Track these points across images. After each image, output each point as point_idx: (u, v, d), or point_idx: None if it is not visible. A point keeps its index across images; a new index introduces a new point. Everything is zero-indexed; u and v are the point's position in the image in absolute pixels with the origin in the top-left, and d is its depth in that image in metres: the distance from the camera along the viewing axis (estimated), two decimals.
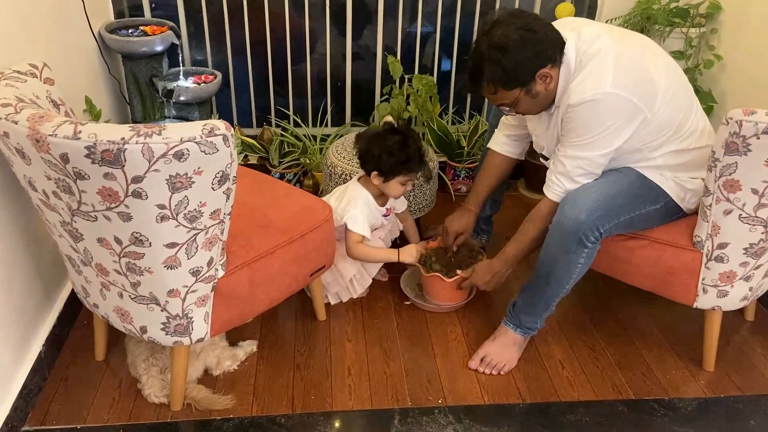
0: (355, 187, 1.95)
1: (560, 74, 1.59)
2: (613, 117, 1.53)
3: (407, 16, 2.72)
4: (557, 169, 1.66)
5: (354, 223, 1.89)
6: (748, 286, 1.67)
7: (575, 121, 1.57)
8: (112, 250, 1.35)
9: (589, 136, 1.56)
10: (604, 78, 1.51)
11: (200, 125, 1.22)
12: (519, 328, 1.82)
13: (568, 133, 1.61)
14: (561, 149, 1.65)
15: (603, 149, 1.58)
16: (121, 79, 2.40)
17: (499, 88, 1.58)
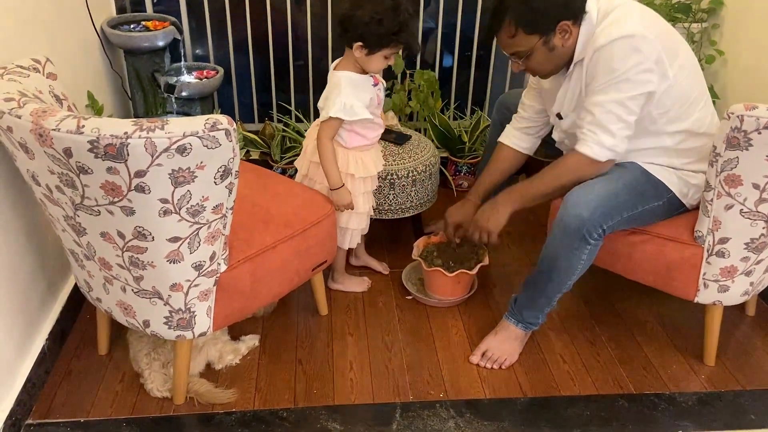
0: (332, 77, 1.74)
1: (581, 31, 1.57)
2: (639, 56, 1.50)
3: None
4: (587, 119, 1.59)
5: (349, 112, 1.69)
6: (749, 281, 1.67)
7: (602, 62, 1.53)
8: (115, 244, 1.35)
9: (616, 75, 1.52)
10: (631, 21, 1.52)
11: (203, 119, 1.22)
12: (520, 322, 1.82)
13: (594, 78, 1.57)
14: (588, 99, 1.59)
15: (631, 91, 1.53)
16: (123, 75, 2.41)
17: (519, 31, 1.55)
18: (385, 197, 2.17)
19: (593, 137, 1.59)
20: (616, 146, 1.59)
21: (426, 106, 2.68)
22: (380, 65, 1.70)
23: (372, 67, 1.71)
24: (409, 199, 2.21)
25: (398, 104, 2.66)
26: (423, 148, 2.24)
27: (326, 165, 1.77)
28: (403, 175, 2.15)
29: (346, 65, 1.73)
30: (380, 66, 1.71)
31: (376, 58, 1.67)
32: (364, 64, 1.70)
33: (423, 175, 2.19)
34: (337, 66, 1.76)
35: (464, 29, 2.75)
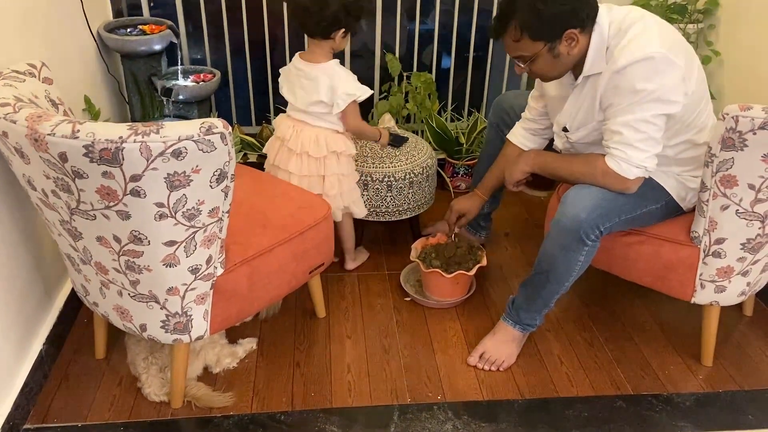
0: (320, 68, 1.83)
1: (591, 42, 1.55)
2: (663, 77, 1.48)
3: (406, 14, 2.72)
4: (614, 138, 1.56)
5: (361, 90, 1.84)
6: (746, 282, 1.67)
7: (624, 82, 1.51)
8: (111, 248, 1.35)
9: (642, 96, 1.49)
10: (650, 39, 1.49)
11: (198, 123, 1.22)
12: (518, 324, 1.82)
13: (617, 99, 1.54)
14: (614, 119, 1.55)
15: (657, 110, 1.50)
16: (120, 78, 2.41)
17: (525, 36, 1.53)
18: (383, 199, 2.17)
19: (622, 155, 1.56)
20: (645, 163, 1.55)
21: (423, 108, 2.68)
22: (345, 44, 1.87)
23: (343, 46, 1.87)
24: (407, 201, 2.21)
25: (395, 106, 2.66)
26: (420, 150, 2.24)
27: (365, 134, 2.02)
28: (400, 177, 2.15)
29: (323, 57, 1.84)
30: (345, 45, 1.88)
31: (344, 39, 1.83)
32: (338, 47, 1.84)
33: (420, 177, 2.19)
34: (312, 59, 1.85)
35: (461, 31, 2.75)
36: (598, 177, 1.62)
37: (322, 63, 1.83)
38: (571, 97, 1.68)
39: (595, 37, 1.54)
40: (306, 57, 1.87)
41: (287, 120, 1.96)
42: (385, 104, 2.68)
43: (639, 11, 1.57)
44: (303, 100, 1.88)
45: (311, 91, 1.85)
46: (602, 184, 1.62)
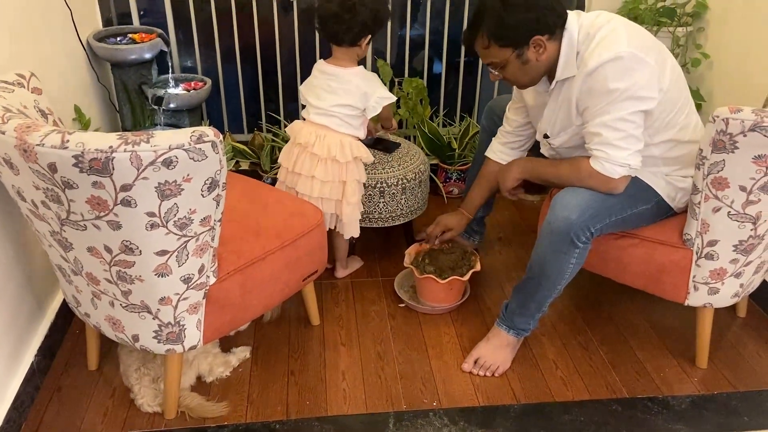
0: (351, 72, 1.88)
1: (561, 48, 1.58)
2: (634, 75, 1.50)
3: (397, 20, 2.73)
4: (595, 140, 1.58)
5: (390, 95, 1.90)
6: (739, 283, 1.68)
7: (597, 86, 1.53)
8: (103, 259, 1.34)
9: (616, 96, 1.51)
10: (618, 40, 1.51)
11: (189, 132, 1.22)
12: (512, 329, 1.82)
13: (592, 101, 1.56)
14: (592, 122, 1.57)
15: (633, 107, 1.52)
16: (110, 87, 2.40)
17: (493, 44, 1.57)
18: (375, 205, 2.17)
19: (604, 155, 1.57)
20: (628, 161, 1.56)
21: (415, 114, 2.69)
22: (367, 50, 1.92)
23: (365, 53, 1.91)
24: (400, 207, 2.20)
25: None
26: (412, 156, 2.24)
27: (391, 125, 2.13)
28: (392, 183, 2.14)
29: (350, 63, 1.89)
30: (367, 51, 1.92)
31: (366, 45, 1.88)
32: (363, 54, 1.90)
33: (413, 182, 2.19)
34: (341, 65, 1.89)
35: (452, 36, 2.75)
36: (584, 179, 1.63)
37: (351, 68, 1.88)
38: (549, 103, 1.71)
39: (565, 43, 1.57)
40: (333, 62, 1.89)
41: (308, 126, 1.94)
42: None
43: (607, 15, 1.60)
44: (329, 101, 1.88)
45: (342, 94, 1.87)
46: (589, 185, 1.63)
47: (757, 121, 1.37)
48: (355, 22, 1.79)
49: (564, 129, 1.69)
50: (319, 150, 1.90)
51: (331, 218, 2.00)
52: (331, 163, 1.90)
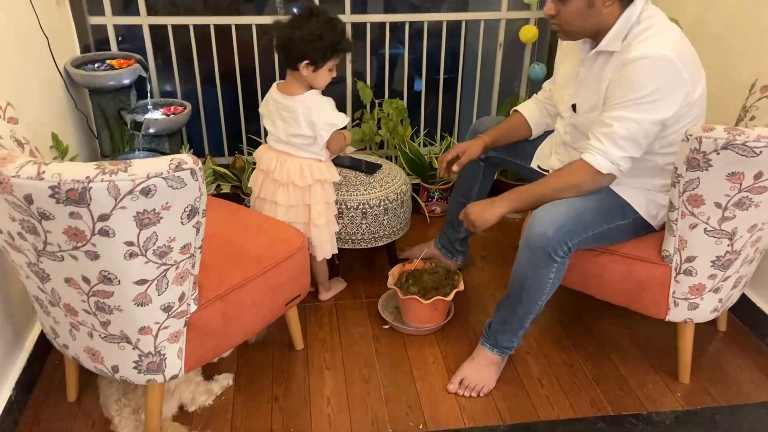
0: (298, 100, 1.82)
1: (621, 17, 1.58)
2: (663, 81, 1.52)
3: (376, 40, 2.75)
4: (601, 129, 1.60)
5: (342, 119, 1.84)
6: (718, 298, 1.70)
7: (629, 75, 1.54)
8: (81, 289, 1.32)
9: (639, 95, 1.53)
10: (665, 42, 1.53)
11: (167, 160, 1.21)
12: (496, 347, 1.82)
13: (617, 91, 1.57)
14: (607, 112, 1.59)
15: (651, 114, 1.54)
16: (88, 114, 2.38)
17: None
18: (358, 227, 2.17)
19: (601, 147, 1.59)
20: (619, 162, 1.59)
21: (396, 134, 2.70)
22: (327, 79, 1.83)
23: (320, 82, 1.82)
24: (382, 228, 2.21)
25: (368, 133, 2.67)
26: (394, 176, 2.25)
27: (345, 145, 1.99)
28: (374, 205, 2.15)
29: (299, 88, 1.83)
30: (327, 80, 1.83)
31: (322, 72, 1.79)
32: (313, 81, 1.81)
33: (395, 203, 2.20)
34: (290, 93, 1.84)
35: (431, 53, 2.77)
36: (574, 173, 1.65)
37: (298, 95, 1.82)
38: (582, 71, 1.71)
39: (625, 15, 1.58)
40: (283, 88, 1.86)
41: (269, 151, 1.95)
42: (357, 131, 2.69)
43: (666, 18, 1.61)
44: (283, 131, 1.88)
45: (291, 123, 1.85)
46: (577, 184, 1.65)
47: (729, 139, 1.39)
48: (285, 44, 1.75)
49: (594, 110, 1.68)
50: (279, 175, 1.90)
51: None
52: (292, 188, 1.90)
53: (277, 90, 1.88)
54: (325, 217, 1.94)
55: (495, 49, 2.78)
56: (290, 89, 1.84)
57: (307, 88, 1.83)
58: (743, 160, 1.41)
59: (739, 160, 1.41)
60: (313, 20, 1.73)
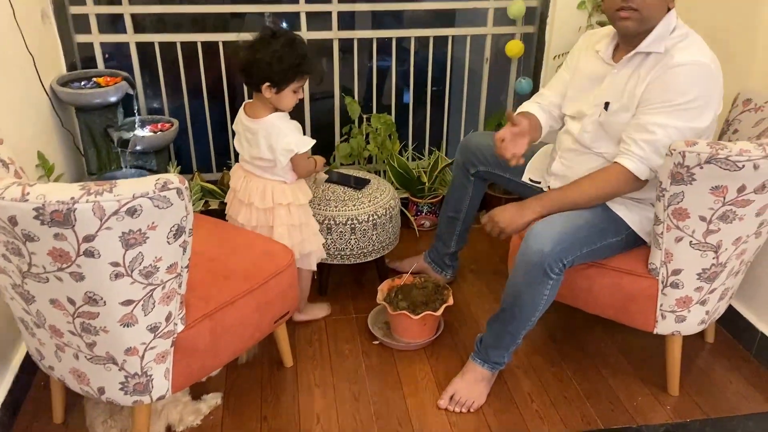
0: (260, 122, 1.79)
1: (663, 21, 1.59)
2: (705, 88, 1.54)
3: (365, 55, 2.76)
4: (643, 136, 1.58)
5: (302, 144, 1.78)
6: (705, 310, 1.71)
7: (673, 80, 1.55)
8: (66, 311, 1.31)
9: (684, 101, 1.54)
10: (707, 52, 1.56)
11: (153, 180, 1.21)
12: (487, 363, 1.82)
13: (660, 95, 1.57)
14: (648, 116, 1.58)
15: (694, 122, 1.54)
16: (74, 132, 2.37)
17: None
18: (347, 242, 2.17)
19: (643, 154, 1.59)
20: (658, 170, 1.58)
21: (384, 149, 2.71)
22: (291, 101, 1.79)
23: (284, 104, 1.79)
24: (371, 243, 2.21)
25: (356, 148, 2.68)
26: (382, 191, 2.26)
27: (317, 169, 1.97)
28: (363, 220, 2.15)
29: (263, 111, 1.80)
30: (292, 102, 1.79)
31: (286, 94, 1.76)
32: (277, 103, 1.78)
33: (384, 218, 2.20)
34: (255, 114, 1.81)
35: (419, 66, 2.78)
36: (610, 181, 1.64)
37: (261, 118, 1.79)
38: (615, 75, 1.69)
39: (666, 19, 1.59)
40: (248, 110, 1.84)
41: (239, 170, 1.95)
42: (346, 146, 2.70)
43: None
44: (248, 153, 1.87)
45: (254, 146, 1.83)
46: (615, 190, 1.65)
47: (712, 153, 1.41)
48: (245, 65, 1.73)
49: (627, 110, 1.66)
50: (242, 195, 1.90)
51: None
52: (254, 209, 1.89)
53: (243, 112, 1.86)
54: (288, 240, 1.88)
55: (482, 64, 2.80)
56: (255, 111, 1.81)
57: (272, 110, 1.80)
58: (726, 174, 1.42)
59: (723, 174, 1.43)
60: (273, 42, 1.70)
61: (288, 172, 1.87)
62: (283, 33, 1.73)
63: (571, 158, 1.82)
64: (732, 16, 2.03)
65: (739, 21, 2.00)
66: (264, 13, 2.68)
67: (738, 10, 2.00)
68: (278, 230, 1.88)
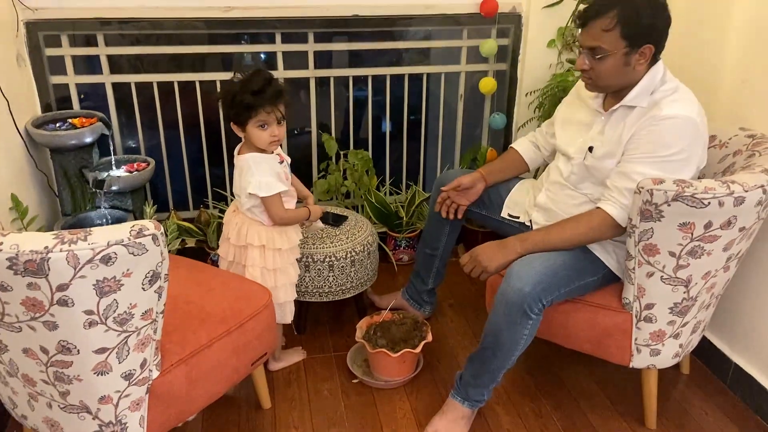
0: (239, 160, 1.83)
1: (647, 75, 1.64)
2: (689, 142, 1.58)
3: (342, 86, 2.79)
4: (625, 184, 1.62)
5: (266, 188, 1.78)
6: (678, 344, 1.73)
7: (658, 133, 1.59)
8: (39, 360, 1.29)
9: (668, 153, 1.58)
10: (694, 106, 1.61)
11: (128, 227, 1.21)
12: (466, 400, 1.81)
13: (644, 146, 1.61)
14: (631, 165, 1.62)
15: (676, 174, 1.57)
16: (49, 173, 2.36)
17: (616, 29, 1.58)
18: (325, 279, 2.17)
19: (625, 201, 1.62)
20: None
21: (361, 184, 2.73)
22: (262, 137, 1.76)
23: (256, 140, 1.77)
24: (350, 280, 2.21)
25: (334, 184, 2.70)
26: (360, 227, 2.27)
27: (297, 220, 1.93)
28: (341, 257, 2.15)
29: (245, 148, 1.84)
30: (263, 137, 1.76)
31: (252, 131, 1.75)
32: (253, 141, 1.78)
33: (362, 254, 2.21)
34: (239, 152, 1.86)
35: (396, 99, 2.82)
36: (594, 227, 1.68)
37: (242, 155, 1.83)
38: (603, 124, 1.74)
39: (650, 74, 1.65)
40: (240, 147, 1.88)
41: (233, 204, 1.97)
42: (323, 183, 2.71)
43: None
44: (234, 187, 1.91)
45: (234, 182, 1.89)
46: (597, 234, 1.68)
47: (678, 191, 1.45)
48: (220, 107, 1.79)
49: (611, 156, 1.70)
50: (224, 229, 1.94)
51: None
52: (230, 244, 1.91)
53: (237, 148, 1.89)
54: (261, 283, 1.85)
55: (457, 100, 2.86)
56: (241, 148, 1.87)
57: (253, 148, 1.81)
58: (693, 211, 1.47)
59: (689, 211, 1.47)
60: (233, 81, 1.74)
61: (261, 214, 1.86)
62: (249, 70, 1.76)
63: (557, 191, 1.88)
64: (698, 54, 2.10)
65: (705, 59, 2.07)
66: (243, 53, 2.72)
67: (703, 48, 2.07)
68: (249, 270, 1.88)
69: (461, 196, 2.06)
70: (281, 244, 1.88)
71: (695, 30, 2.10)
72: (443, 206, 2.09)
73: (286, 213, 1.87)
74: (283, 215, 1.85)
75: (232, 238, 1.89)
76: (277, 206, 1.83)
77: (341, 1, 2.49)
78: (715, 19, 2.01)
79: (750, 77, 1.89)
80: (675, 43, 2.18)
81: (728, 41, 1.96)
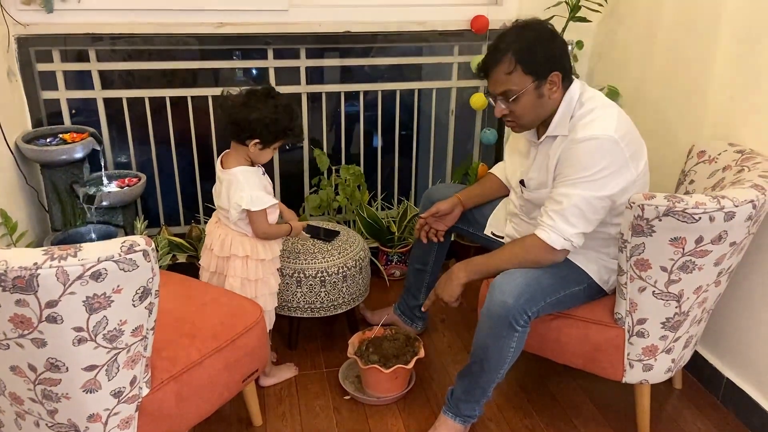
0: (226, 173, 1.83)
1: (561, 104, 1.67)
2: (608, 161, 1.59)
3: (333, 101, 2.80)
4: (552, 207, 1.66)
5: (257, 202, 1.80)
6: (671, 359, 1.73)
7: (575, 156, 1.62)
8: (27, 378, 1.27)
9: (585, 174, 1.60)
10: (610, 123, 1.61)
11: (119, 243, 1.20)
12: (458, 416, 1.80)
13: (565, 170, 1.64)
14: (556, 189, 1.66)
15: (598, 191, 1.60)
16: (39, 188, 2.34)
17: (518, 68, 1.61)
18: (317, 295, 2.16)
19: (553, 224, 1.65)
20: (573, 239, 1.64)
21: (353, 200, 2.73)
22: (270, 156, 1.85)
23: (263, 159, 1.85)
24: (341, 296, 2.20)
25: (325, 200, 2.70)
26: (352, 243, 2.26)
27: (276, 235, 1.93)
28: (333, 272, 2.15)
29: (237, 161, 1.83)
30: (269, 157, 1.85)
31: (268, 151, 1.82)
32: (256, 158, 1.83)
33: (353, 270, 2.20)
34: (226, 164, 1.85)
35: (387, 111, 2.83)
36: (528, 250, 1.70)
37: (230, 168, 1.82)
38: (534, 155, 1.78)
39: (566, 100, 1.67)
40: (223, 158, 1.88)
41: (214, 216, 1.97)
42: (315, 198, 2.71)
43: (605, 98, 1.71)
44: (216, 200, 1.91)
45: (218, 195, 1.89)
46: (532, 257, 1.69)
47: (669, 206, 1.46)
48: (240, 119, 1.75)
49: (543, 186, 1.75)
50: (208, 240, 1.94)
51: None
52: (213, 255, 1.91)
53: (219, 160, 1.89)
54: (240, 293, 1.86)
55: (449, 115, 2.87)
56: (228, 161, 1.85)
57: (244, 162, 1.83)
58: (684, 226, 1.47)
59: (680, 226, 1.48)
60: (270, 102, 1.76)
61: (246, 226, 1.87)
62: (278, 94, 1.80)
63: (518, 222, 1.93)
64: (686, 71, 2.12)
65: (693, 76, 2.09)
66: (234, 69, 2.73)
67: (691, 64, 2.10)
68: (230, 281, 1.88)
69: (439, 221, 2.08)
70: (264, 255, 1.90)
71: (683, 46, 2.12)
72: (422, 232, 2.11)
73: (270, 228, 1.88)
74: (266, 230, 1.87)
75: (216, 249, 1.89)
76: (261, 220, 1.84)
77: (333, 18, 2.51)
78: (703, 35, 2.03)
79: (738, 93, 1.91)
80: (663, 59, 2.22)
81: (716, 58, 1.98)
